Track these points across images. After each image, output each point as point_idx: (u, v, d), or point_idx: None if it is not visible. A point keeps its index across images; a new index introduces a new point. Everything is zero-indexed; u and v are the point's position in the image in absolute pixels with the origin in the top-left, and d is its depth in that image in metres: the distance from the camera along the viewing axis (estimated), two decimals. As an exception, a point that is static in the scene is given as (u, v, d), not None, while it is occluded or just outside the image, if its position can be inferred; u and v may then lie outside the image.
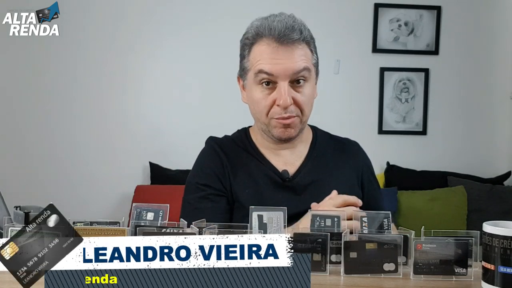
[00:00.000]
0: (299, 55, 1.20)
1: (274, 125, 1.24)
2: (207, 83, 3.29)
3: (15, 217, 1.01)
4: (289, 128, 1.24)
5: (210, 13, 3.29)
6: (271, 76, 1.20)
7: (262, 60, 1.20)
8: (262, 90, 1.22)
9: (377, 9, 3.38)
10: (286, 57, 1.19)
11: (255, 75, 1.22)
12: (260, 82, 1.22)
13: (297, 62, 1.19)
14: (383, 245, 0.92)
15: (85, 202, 3.17)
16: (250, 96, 1.27)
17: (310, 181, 1.29)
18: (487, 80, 3.48)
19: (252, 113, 1.30)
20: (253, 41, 1.23)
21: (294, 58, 1.19)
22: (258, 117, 1.27)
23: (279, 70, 1.18)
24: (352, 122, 3.33)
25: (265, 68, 1.19)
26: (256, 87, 1.23)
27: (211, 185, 1.27)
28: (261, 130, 1.29)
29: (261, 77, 1.21)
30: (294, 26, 1.19)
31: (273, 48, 1.19)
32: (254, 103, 1.25)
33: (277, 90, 1.20)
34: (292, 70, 1.19)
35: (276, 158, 1.31)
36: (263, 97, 1.22)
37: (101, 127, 3.27)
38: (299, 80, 1.21)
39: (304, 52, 1.21)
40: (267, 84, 1.21)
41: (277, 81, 1.20)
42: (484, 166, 3.44)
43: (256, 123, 1.32)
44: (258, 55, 1.21)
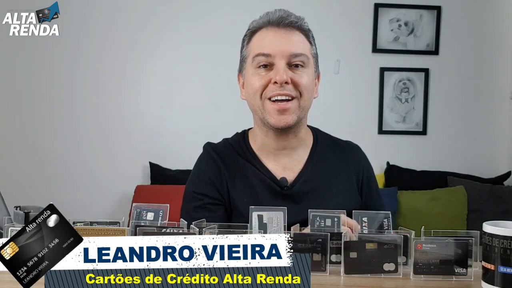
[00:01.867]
0: (296, 40, 1.22)
1: (269, 110, 1.21)
2: (207, 83, 3.29)
3: (15, 217, 1.01)
4: (285, 115, 1.21)
5: (211, 13, 3.29)
6: (268, 57, 1.20)
7: (260, 44, 1.23)
8: (259, 73, 1.23)
9: (377, 9, 3.38)
10: (284, 39, 1.21)
11: (253, 59, 1.23)
12: (258, 65, 1.22)
13: (294, 45, 1.21)
14: (383, 245, 0.92)
15: (85, 202, 3.17)
16: (247, 85, 1.26)
17: (309, 189, 1.27)
18: (487, 80, 3.48)
19: (249, 104, 1.28)
20: (254, 30, 1.26)
21: (291, 41, 1.22)
22: (254, 103, 1.25)
23: (276, 50, 1.20)
24: (352, 122, 3.33)
25: (262, 50, 1.21)
26: (253, 70, 1.23)
27: (208, 194, 1.26)
28: (260, 121, 1.26)
29: (258, 60, 1.22)
30: (291, 14, 1.24)
31: (272, 32, 1.22)
32: (250, 87, 1.24)
33: (274, 69, 1.21)
34: (289, 51, 1.20)
35: (275, 163, 1.29)
36: (259, 78, 1.22)
37: (101, 127, 3.27)
38: (297, 65, 1.22)
39: (302, 40, 1.24)
40: (265, 66, 1.22)
41: (274, 62, 1.20)
42: (484, 166, 3.44)
43: (254, 117, 1.30)
44: (257, 41, 1.24)
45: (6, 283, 0.81)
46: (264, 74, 1.22)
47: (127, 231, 0.94)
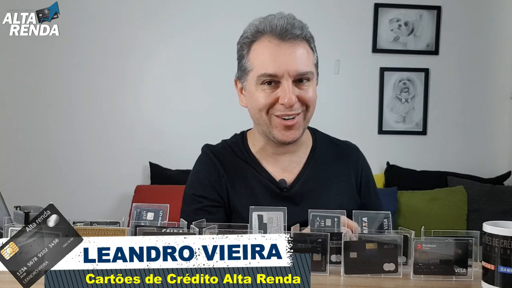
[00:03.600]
0: (301, 54, 1.18)
1: (276, 125, 1.20)
2: (207, 83, 3.29)
3: (15, 217, 1.01)
4: (292, 130, 1.20)
5: (211, 13, 3.29)
6: (274, 77, 1.17)
7: (264, 61, 1.17)
8: (263, 89, 1.19)
9: (377, 9, 3.38)
10: (289, 55, 1.16)
11: (258, 78, 1.19)
12: (262, 82, 1.19)
13: (299, 63, 1.17)
14: (383, 245, 0.92)
15: (85, 202, 3.17)
16: (250, 97, 1.23)
17: (308, 190, 1.27)
18: (487, 80, 3.48)
19: (252, 115, 1.26)
20: (253, 39, 1.20)
21: (296, 57, 1.17)
22: (258, 118, 1.22)
23: (282, 70, 1.16)
24: (352, 122, 3.34)
25: (268, 71, 1.16)
26: (257, 86, 1.20)
27: (207, 196, 1.25)
28: (263, 133, 1.25)
29: (263, 79, 1.18)
30: (295, 23, 1.18)
31: (275, 46, 1.17)
32: (254, 102, 1.21)
33: (281, 88, 1.17)
34: (295, 71, 1.17)
35: (274, 165, 1.28)
36: (265, 96, 1.19)
37: (101, 127, 3.27)
38: (302, 80, 1.19)
39: (306, 51, 1.19)
40: (269, 83, 1.18)
41: (280, 81, 1.17)
42: (484, 166, 3.44)
43: (256, 126, 1.28)
44: (260, 54, 1.18)
45: (6, 283, 0.81)
46: (270, 91, 1.18)
47: (127, 231, 0.94)
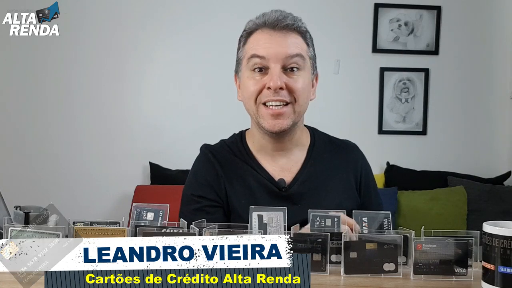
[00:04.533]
0: (292, 42, 1.20)
1: (263, 114, 1.21)
2: (207, 83, 3.29)
3: (15, 217, 1.01)
4: (279, 120, 1.20)
5: (210, 13, 3.29)
6: (263, 60, 1.19)
7: (255, 46, 1.21)
8: (254, 76, 1.22)
9: (377, 9, 3.38)
10: (279, 41, 1.19)
11: (248, 60, 1.22)
12: (253, 68, 1.21)
13: (289, 47, 1.19)
14: (383, 245, 0.92)
15: (85, 202, 3.17)
16: (243, 88, 1.26)
17: (307, 190, 1.26)
18: (487, 80, 3.48)
19: (245, 105, 1.27)
20: (249, 32, 1.24)
21: (286, 43, 1.20)
22: (249, 107, 1.25)
23: (270, 53, 1.18)
24: (352, 122, 3.34)
25: (257, 52, 1.20)
26: (249, 73, 1.22)
27: (206, 196, 1.26)
28: (256, 125, 1.26)
29: (253, 62, 1.21)
30: (288, 15, 1.22)
31: (267, 34, 1.20)
32: (245, 90, 1.24)
33: (269, 73, 1.19)
34: (284, 53, 1.19)
35: (272, 164, 1.28)
36: (254, 83, 1.21)
37: (101, 127, 3.27)
38: (292, 68, 1.20)
39: (298, 41, 1.22)
40: (260, 70, 1.21)
41: (269, 65, 1.19)
42: (484, 166, 3.44)
43: (251, 121, 1.30)
44: (253, 43, 1.22)
45: (6, 283, 0.81)
46: (259, 78, 1.21)
47: (127, 231, 0.94)
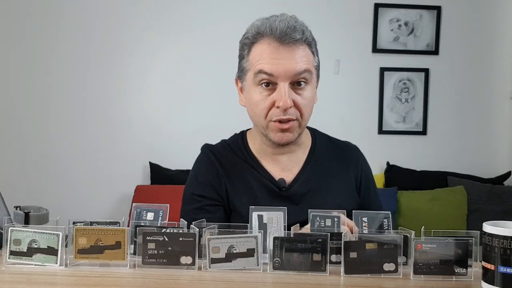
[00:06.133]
0: (300, 56, 1.17)
1: (272, 128, 1.21)
2: (207, 83, 3.28)
3: (15, 217, 1.01)
4: (287, 133, 1.21)
5: (211, 14, 3.29)
6: (271, 77, 1.16)
7: (262, 59, 1.17)
8: (261, 92, 1.19)
9: (377, 9, 3.38)
10: (287, 57, 1.16)
11: (255, 75, 1.19)
12: (260, 83, 1.19)
13: (298, 63, 1.16)
14: (383, 245, 0.92)
15: (85, 202, 3.17)
16: (248, 98, 1.23)
17: (308, 190, 1.26)
18: (487, 80, 3.48)
19: (251, 116, 1.26)
20: (253, 40, 1.20)
21: (295, 58, 1.16)
22: (257, 120, 1.23)
23: (279, 71, 1.15)
24: (352, 122, 3.33)
25: (265, 68, 1.16)
26: (255, 88, 1.20)
27: (206, 195, 1.26)
28: (261, 133, 1.26)
29: (260, 78, 1.18)
30: (296, 26, 1.17)
31: (274, 48, 1.16)
32: (253, 105, 1.22)
33: (277, 91, 1.17)
34: (293, 71, 1.16)
35: (273, 165, 1.28)
36: (262, 99, 1.19)
37: (101, 127, 3.27)
38: (300, 82, 1.18)
39: (306, 53, 1.18)
40: (267, 85, 1.18)
41: (277, 82, 1.17)
42: (484, 166, 3.44)
43: (254, 126, 1.29)
44: (258, 55, 1.18)
45: (6, 283, 0.81)
46: (267, 94, 1.19)
47: (127, 231, 0.94)
